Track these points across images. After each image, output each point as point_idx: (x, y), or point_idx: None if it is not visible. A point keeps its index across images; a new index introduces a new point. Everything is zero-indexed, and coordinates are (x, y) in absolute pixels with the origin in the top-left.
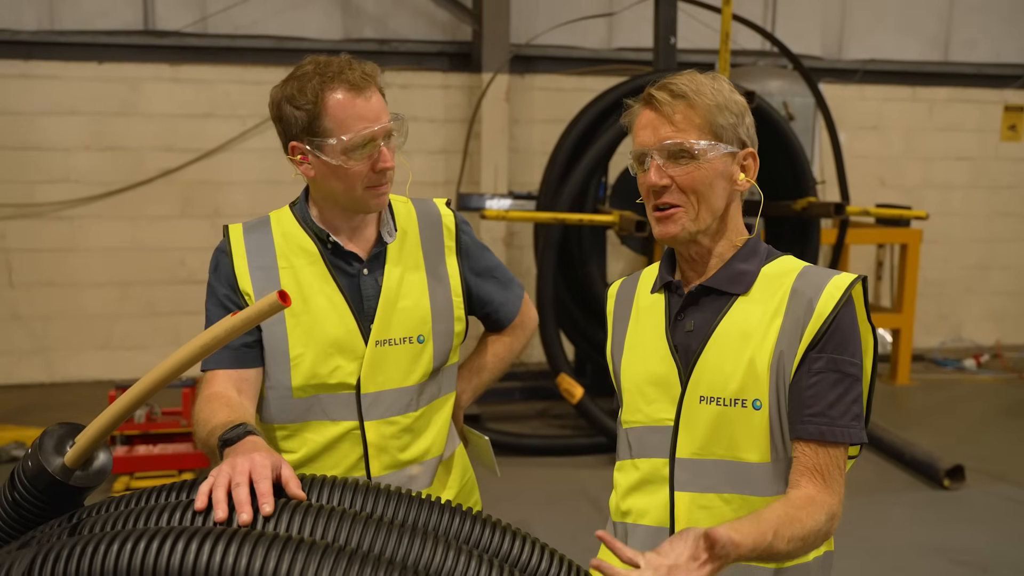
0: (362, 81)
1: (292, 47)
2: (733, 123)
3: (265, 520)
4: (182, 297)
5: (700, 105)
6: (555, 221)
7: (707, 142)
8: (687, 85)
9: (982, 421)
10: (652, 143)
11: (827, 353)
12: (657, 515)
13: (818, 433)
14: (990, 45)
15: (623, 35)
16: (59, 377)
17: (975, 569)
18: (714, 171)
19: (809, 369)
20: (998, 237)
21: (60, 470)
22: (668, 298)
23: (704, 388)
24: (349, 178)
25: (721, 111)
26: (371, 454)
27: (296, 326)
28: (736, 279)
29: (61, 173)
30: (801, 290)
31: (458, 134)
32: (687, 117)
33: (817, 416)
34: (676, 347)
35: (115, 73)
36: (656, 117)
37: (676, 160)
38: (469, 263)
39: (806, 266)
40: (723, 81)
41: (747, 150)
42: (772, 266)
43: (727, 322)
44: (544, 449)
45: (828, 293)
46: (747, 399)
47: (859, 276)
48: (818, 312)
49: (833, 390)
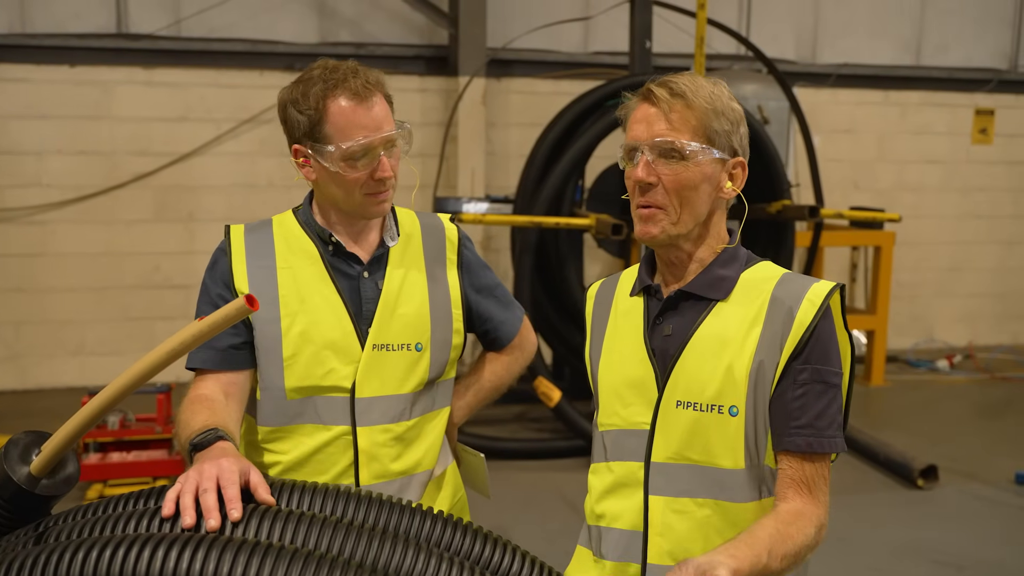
0: (364, 90)
1: (267, 50)
2: (727, 130)
3: (234, 526)
4: (157, 302)
5: (697, 107)
6: (532, 225)
7: (699, 145)
8: (687, 85)
9: (955, 421)
10: (645, 138)
11: (811, 364)
12: (631, 518)
13: (806, 445)
14: (961, 50)
15: (599, 39)
16: (32, 384)
17: (950, 568)
18: (702, 175)
19: (794, 381)
20: (970, 239)
21: (26, 479)
22: (647, 302)
23: (681, 393)
24: (348, 184)
25: (717, 116)
26: (361, 461)
27: (291, 326)
28: (715, 285)
29: (33, 177)
30: (780, 298)
31: (435, 138)
32: (683, 117)
33: (804, 428)
34: (654, 351)
35: (88, 76)
36: (652, 113)
37: (666, 159)
38: (470, 279)
39: (785, 273)
40: (723, 87)
41: (737, 159)
42: (751, 272)
43: (705, 328)
44: (522, 452)
45: (808, 302)
46: (724, 405)
47: (837, 284)
48: (798, 322)
49: (819, 401)
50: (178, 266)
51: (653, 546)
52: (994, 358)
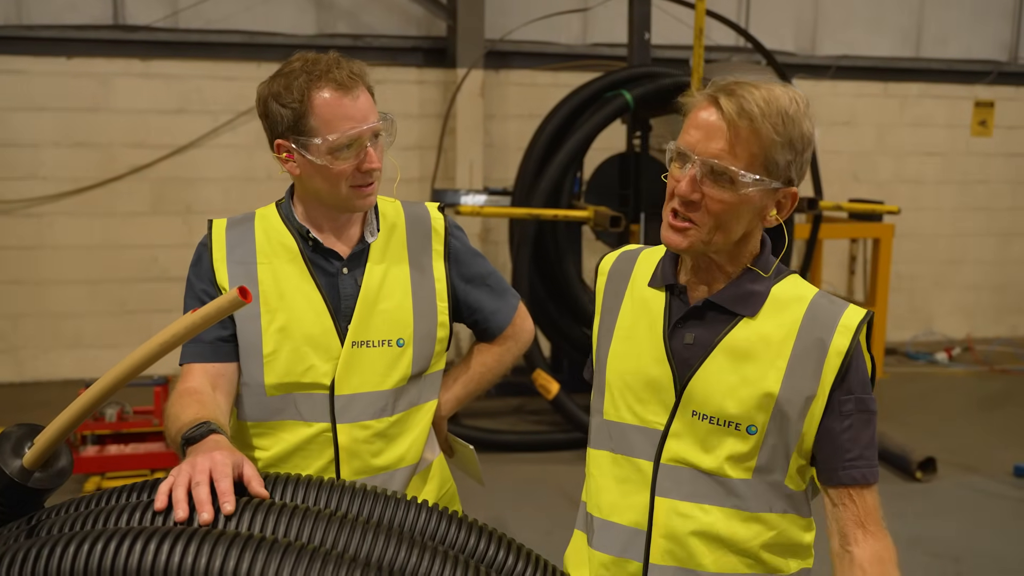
0: (349, 80)
1: (264, 42)
2: (790, 160)
3: (227, 519)
4: (154, 294)
5: (764, 135)
6: (530, 217)
7: (754, 176)
8: (760, 106)
9: (954, 414)
10: (700, 151)
11: (855, 394)
12: (634, 516)
13: (861, 477)
14: (961, 41)
15: (597, 31)
16: (29, 377)
17: (947, 560)
18: (748, 203)
19: (840, 412)
20: (969, 231)
21: (19, 472)
22: (669, 300)
23: (698, 404)
24: (334, 177)
25: (783, 148)
26: (342, 458)
27: (271, 323)
28: (744, 300)
29: (29, 170)
30: (813, 325)
31: (433, 130)
32: (746, 142)
33: (858, 460)
34: (673, 354)
35: (85, 68)
36: (714, 124)
37: (715, 179)
38: (458, 268)
39: (816, 294)
40: (800, 105)
41: (791, 190)
42: (781, 288)
43: (730, 342)
44: (520, 445)
45: (843, 330)
46: (742, 423)
47: (868, 313)
48: (834, 351)
49: (866, 431)
50: (175, 258)
51: (656, 547)
52: (993, 350)
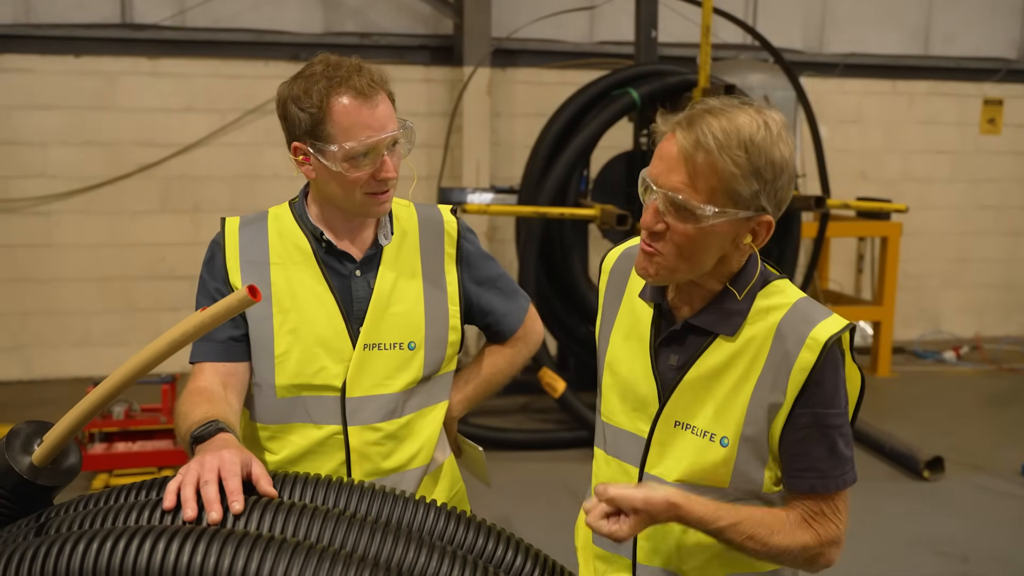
0: (369, 88)
1: (271, 40)
2: (757, 190)
3: (235, 518)
4: (162, 293)
5: (722, 169)
6: (537, 215)
7: (715, 209)
8: (719, 138)
9: (961, 413)
10: (662, 184)
11: (811, 408)
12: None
13: (809, 487)
14: (969, 39)
15: (604, 29)
16: (37, 374)
17: (955, 559)
18: (715, 235)
19: (795, 425)
20: (977, 230)
21: (28, 469)
22: (657, 318)
23: (680, 415)
24: (349, 184)
25: (747, 179)
26: (353, 460)
27: (283, 324)
28: (723, 320)
29: (38, 168)
30: (782, 338)
31: (439, 128)
32: (704, 175)
33: (807, 471)
34: (658, 372)
35: (92, 67)
36: (674, 156)
37: (677, 212)
38: (470, 272)
39: (795, 304)
40: (771, 125)
41: (764, 217)
42: (763, 299)
43: (706, 361)
44: (526, 443)
45: (808, 348)
46: (715, 434)
47: (846, 326)
48: (799, 366)
49: (819, 445)
50: (183, 257)
51: (641, 548)
52: (1001, 349)
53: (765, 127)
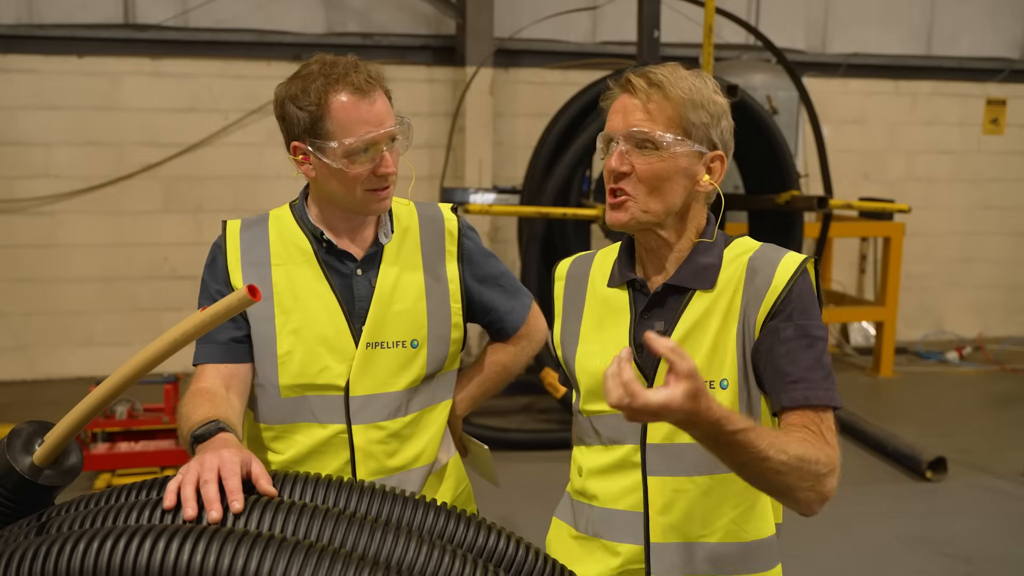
0: (367, 84)
1: (274, 41)
2: (706, 123)
3: (235, 517)
4: (164, 293)
5: (675, 97)
6: (539, 215)
7: (674, 136)
8: (666, 76)
9: (964, 413)
10: (620, 128)
11: (794, 320)
12: (631, 500)
13: (803, 399)
14: (972, 39)
15: (607, 29)
16: (40, 374)
17: (958, 560)
18: (677, 167)
19: (779, 338)
20: (980, 230)
21: (29, 469)
22: (632, 295)
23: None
24: (349, 181)
25: (696, 108)
26: (358, 459)
27: (285, 324)
28: (700, 275)
29: (41, 168)
30: (756, 267)
31: (442, 128)
32: (660, 107)
33: (799, 382)
34: (640, 345)
35: (95, 67)
36: (629, 102)
37: (640, 149)
38: (471, 269)
39: (761, 245)
40: (707, 79)
41: (716, 152)
42: (730, 250)
43: (689, 314)
44: (529, 443)
45: (784, 265)
46: (713, 380)
47: (808, 257)
48: (775, 283)
49: (808, 354)
50: (186, 257)
51: (655, 525)
52: (1004, 350)
53: (701, 78)
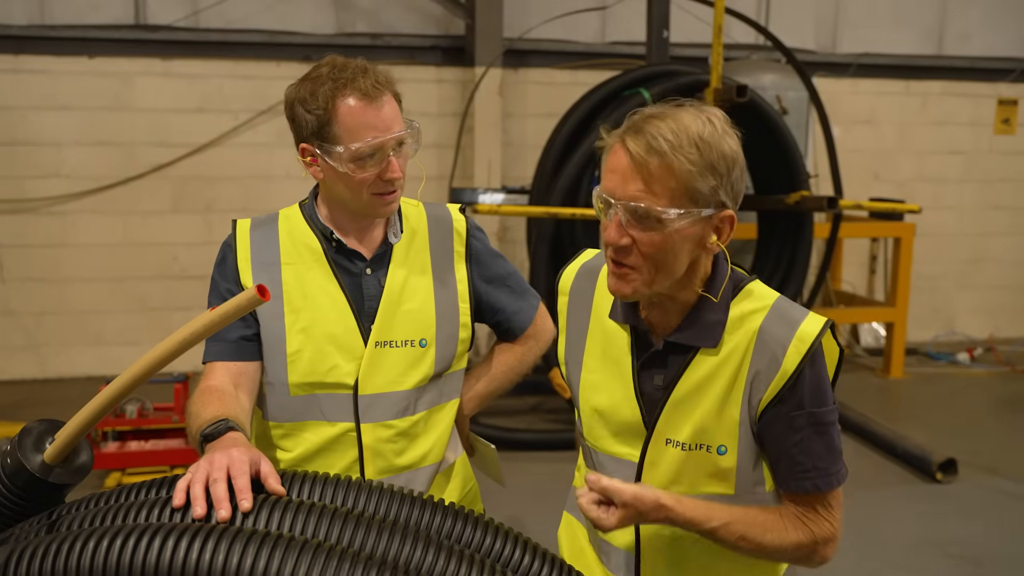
0: (374, 90)
1: (284, 41)
2: (715, 185)
3: (244, 516)
4: (174, 292)
5: (679, 169)
6: (548, 215)
7: (678, 211)
8: (669, 139)
9: (975, 414)
10: (619, 195)
11: (806, 408)
12: (624, 539)
13: (813, 487)
14: (984, 39)
15: (616, 29)
16: (51, 373)
17: (968, 562)
18: (682, 237)
19: (791, 426)
20: (991, 231)
21: (40, 467)
22: (634, 340)
23: (671, 433)
24: (355, 185)
25: (703, 175)
26: (366, 457)
27: (295, 322)
28: (704, 332)
29: (52, 168)
30: (766, 340)
31: (451, 128)
32: (662, 179)
33: (811, 471)
34: (642, 395)
35: (106, 67)
36: (628, 166)
37: (641, 222)
38: (479, 270)
39: (773, 305)
40: (715, 125)
41: (725, 212)
42: (738, 305)
43: (693, 371)
44: (537, 444)
45: (794, 348)
46: (711, 445)
47: (826, 323)
48: (785, 367)
49: (819, 442)
50: (196, 257)
51: (646, 569)
52: (1015, 351)
53: (710, 123)
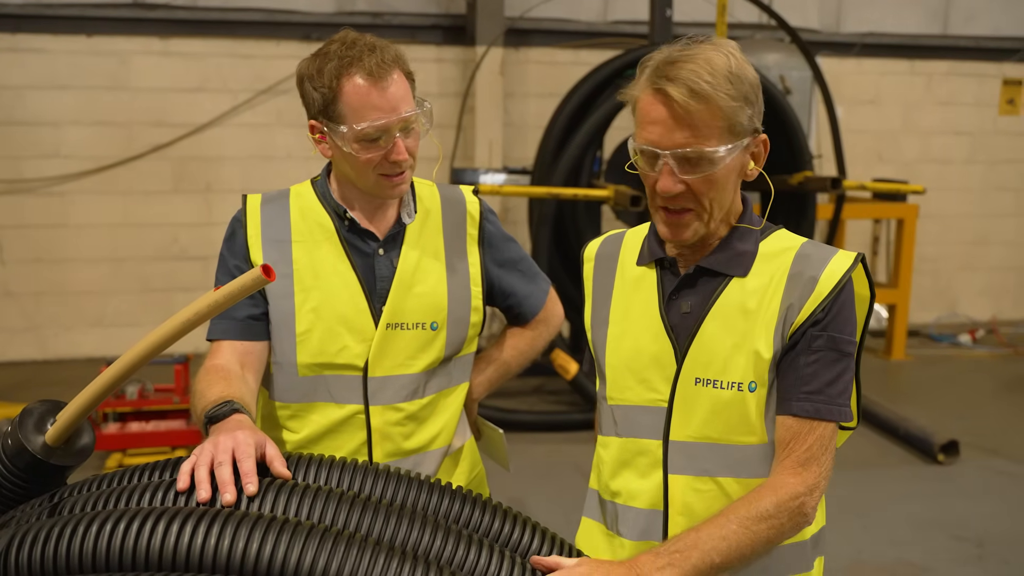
0: (379, 69)
1: (283, 20)
2: (751, 114)
3: (249, 500)
4: (175, 273)
5: (724, 107)
6: (550, 196)
7: (727, 146)
8: (708, 82)
9: (977, 396)
10: (666, 146)
11: (828, 332)
12: (650, 498)
13: (814, 411)
14: (989, 18)
15: (619, 8)
16: (52, 354)
17: (970, 543)
18: (728, 170)
19: (809, 347)
20: (995, 212)
21: (41, 448)
22: (661, 274)
23: (700, 370)
24: (360, 166)
25: (742, 108)
26: (374, 440)
27: (305, 302)
28: (735, 260)
29: (51, 148)
30: (800, 271)
31: (452, 108)
32: (708, 121)
33: (815, 394)
34: (672, 327)
35: (105, 47)
36: (670, 116)
37: (694, 166)
38: (492, 253)
39: (804, 243)
40: (736, 56)
41: (760, 137)
42: (769, 243)
43: (723, 302)
44: (539, 425)
45: (830, 271)
46: (743, 382)
47: (859, 255)
48: (819, 290)
49: (831, 369)
50: (196, 237)
51: (675, 525)
52: (1018, 333)
53: (732, 55)
